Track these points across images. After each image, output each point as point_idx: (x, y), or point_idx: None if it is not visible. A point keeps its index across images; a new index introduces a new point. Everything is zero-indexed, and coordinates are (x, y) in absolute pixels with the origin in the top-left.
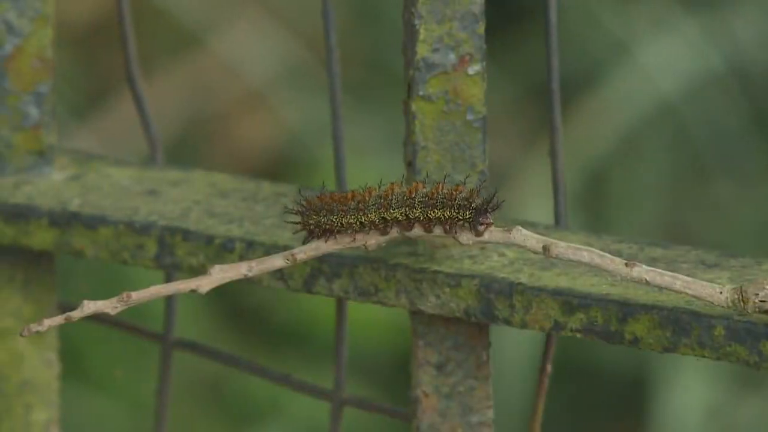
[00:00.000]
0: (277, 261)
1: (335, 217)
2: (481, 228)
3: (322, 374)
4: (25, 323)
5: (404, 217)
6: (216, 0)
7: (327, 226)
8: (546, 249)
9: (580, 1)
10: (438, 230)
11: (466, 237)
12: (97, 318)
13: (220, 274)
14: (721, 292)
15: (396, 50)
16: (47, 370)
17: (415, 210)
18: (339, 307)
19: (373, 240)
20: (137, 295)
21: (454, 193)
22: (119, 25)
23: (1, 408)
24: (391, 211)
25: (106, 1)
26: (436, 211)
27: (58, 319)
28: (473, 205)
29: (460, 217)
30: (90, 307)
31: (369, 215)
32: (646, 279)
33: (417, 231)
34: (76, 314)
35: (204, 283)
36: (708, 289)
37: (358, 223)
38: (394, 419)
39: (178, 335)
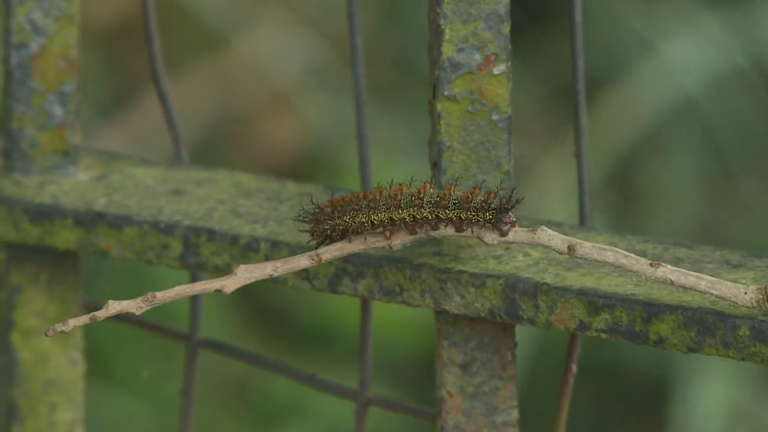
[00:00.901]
0: (302, 261)
1: (348, 217)
2: (505, 228)
3: (347, 374)
4: (50, 323)
5: (411, 218)
6: (241, 0)
7: (341, 227)
8: (571, 249)
9: (605, 0)
10: (451, 230)
11: (491, 237)
12: (122, 318)
13: (245, 274)
14: (745, 293)
15: (423, 50)
16: (72, 369)
17: (423, 210)
18: (364, 307)
19: (397, 240)
20: (162, 295)
21: (470, 195)
22: (144, 24)
23: (26, 407)
24: (400, 211)
25: (132, 0)
26: (447, 212)
27: (83, 319)
28: (492, 206)
29: (481, 219)
30: (115, 307)
31: (379, 215)
32: (670, 279)
33: (443, 231)
34: (100, 314)
35: (229, 283)
36: (732, 289)
37: (369, 222)
38: (418, 419)
39: (204, 335)
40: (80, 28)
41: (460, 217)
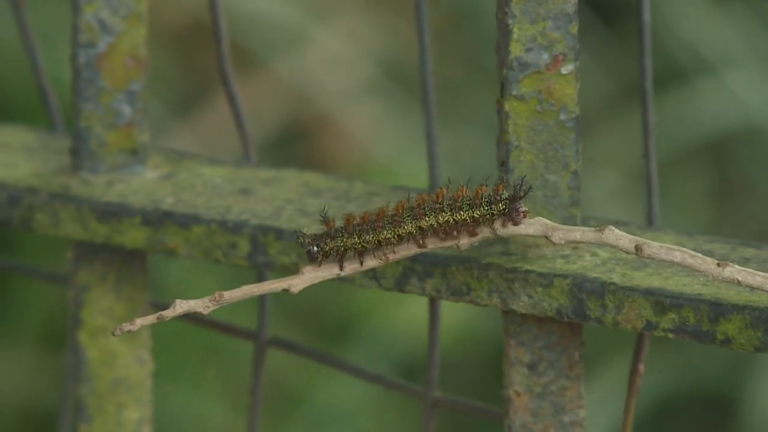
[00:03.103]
0: (370, 260)
1: (374, 232)
2: (518, 218)
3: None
4: (118, 322)
5: (436, 224)
6: (313, 1)
7: (366, 245)
8: (638, 249)
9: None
10: (470, 231)
11: (558, 236)
12: (190, 317)
13: (313, 273)
14: None
15: (492, 49)
16: (140, 368)
17: (444, 214)
18: (431, 307)
19: (465, 239)
20: (229, 295)
21: (478, 191)
22: (212, 24)
23: (93, 406)
24: (426, 219)
25: (204, 0)
26: (462, 213)
27: (150, 319)
28: (503, 197)
29: (494, 212)
30: (182, 306)
31: (405, 227)
32: (737, 279)
33: (506, 230)
34: (168, 313)
35: (296, 283)
36: None
37: (395, 236)
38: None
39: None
40: (150, 27)
41: (474, 215)
